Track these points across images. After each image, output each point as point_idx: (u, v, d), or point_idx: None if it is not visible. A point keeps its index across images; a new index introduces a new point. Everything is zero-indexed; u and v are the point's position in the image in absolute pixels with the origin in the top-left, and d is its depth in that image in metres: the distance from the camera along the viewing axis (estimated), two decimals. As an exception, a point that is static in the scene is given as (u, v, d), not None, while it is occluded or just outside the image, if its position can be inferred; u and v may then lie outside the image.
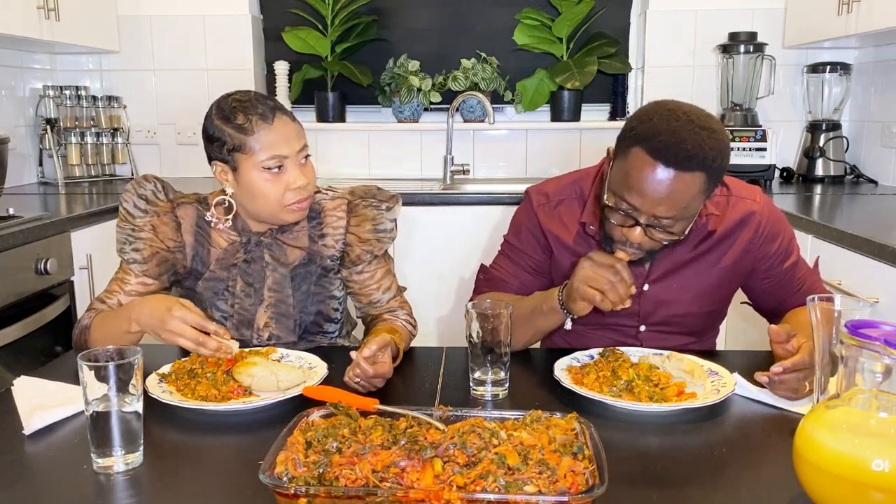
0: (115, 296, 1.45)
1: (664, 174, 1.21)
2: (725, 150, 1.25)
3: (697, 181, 1.22)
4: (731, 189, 1.46)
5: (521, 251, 1.53)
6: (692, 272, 1.44)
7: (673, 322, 1.48)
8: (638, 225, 1.27)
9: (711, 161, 1.22)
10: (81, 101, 3.14)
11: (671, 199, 1.22)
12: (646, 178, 1.22)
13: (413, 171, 3.38)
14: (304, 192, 1.40)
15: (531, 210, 1.52)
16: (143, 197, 1.47)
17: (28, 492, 0.92)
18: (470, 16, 3.31)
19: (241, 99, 1.39)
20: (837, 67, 3.02)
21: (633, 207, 1.26)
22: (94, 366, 0.94)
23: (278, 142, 1.36)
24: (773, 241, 1.45)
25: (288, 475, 0.85)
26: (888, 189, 2.81)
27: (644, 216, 1.26)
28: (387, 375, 1.23)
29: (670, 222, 1.26)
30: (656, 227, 1.27)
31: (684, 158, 1.20)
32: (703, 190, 1.24)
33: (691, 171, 1.21)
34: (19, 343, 1.99)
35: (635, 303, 1.45)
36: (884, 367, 0.79)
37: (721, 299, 1.50)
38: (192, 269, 1.48)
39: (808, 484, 0.84)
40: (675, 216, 1.25)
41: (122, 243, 1.46)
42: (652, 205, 1.24)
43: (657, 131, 1.23)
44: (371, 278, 1.52)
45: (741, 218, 1.44)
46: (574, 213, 1.48)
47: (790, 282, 1.48)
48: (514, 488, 0.82)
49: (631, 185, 1.24)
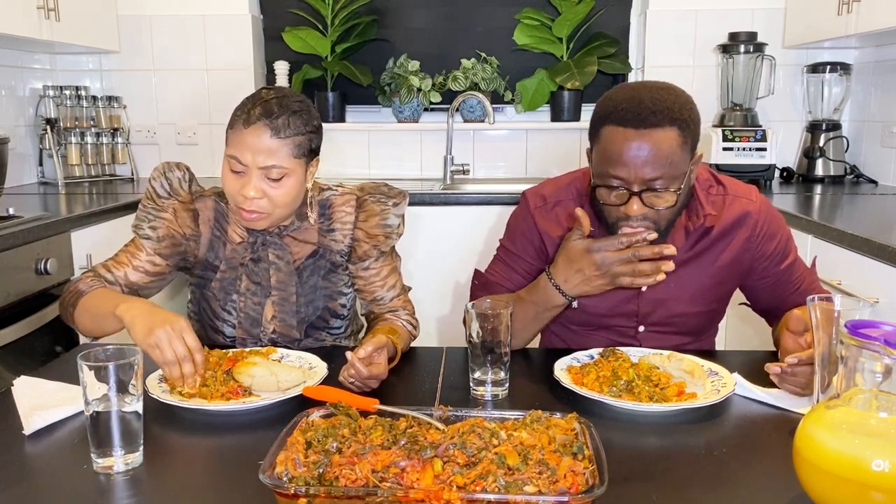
0: (123, 268, 1.46)
1: (637, 136, 1.25)
2: (689, 102, 1.30)
3: (672, 135, 1.26)
4: (727, 188, 1.46)
5: (516, 255, 1.52)
6: (690, 272, 1.44)
7: (672, 322, 1.48)
8: (633, 196, 1.28)
9: (678, 113, 1.27)
10: (81, 101, 3.14)
11: (653, 157, 1.25)
12: (623, 147, 1.26)
13: (413, 171, 3.38)
14: (251, 205, 1.36)
15: (528, 213, 1.51)
16: (169, 182, 1.50)
17: (28, 492, 0.92)
18: (470, 16, 3.31)
19: (258, 95, 1.39)
20: (837, 67, 3.02)
21: (621, 179, 1.28)
22: (94, 366, 0.94)
23: (241, 147, 1.35)
24: (771, 241, 1.46)
25: (288, 475, 0.85)
26: (888, 189, 2.81)
27: (635, 185, 1.28)
28: (381, 377, 1.23)
29: (661, 183, 1.28)
30: (650, 192, 1.28)
31: (650, 115, 1.25)
32: (681, 144, 1.27)
33: (661, 126, 1.25)
34: (19, 343, 1.99)
35: (634, 303, 1.46)
36: (884, 367, 0.79)
37: (719, 299, 1.50)
38: (205, 261, 1.49)
39: (808, 484, 0.84)
40: (664, 175, 1.27)
41: (140, 220, 1.48)
42: (637, 170, 1.26)
43: (617, 103, 1.29)
44: (377, 275, 1.52)
45: (738, 217, 1.44)
46: (572, 213, 1.48)
47: (788, 281, 1.48)
48: (514, 488, 0.82)
49: (612, 159, 1.28)
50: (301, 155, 1.39)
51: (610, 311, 1.47)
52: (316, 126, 1.42)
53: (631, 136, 1.25)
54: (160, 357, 1.18)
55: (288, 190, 1.38)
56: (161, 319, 1.20)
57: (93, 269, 1.47)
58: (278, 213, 1.40)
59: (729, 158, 2.89)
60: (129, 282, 1.46)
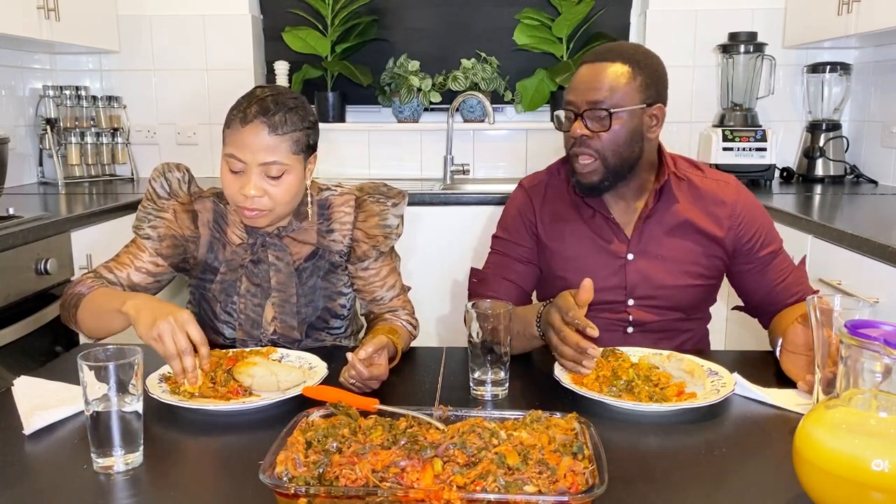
0: (126, 269, 1.46)
1: (588, 67, 1.45)
2: (650, 55, 1.47)
3: (621, 70, 1.42)
4: (705, 172, 1.56)
5: (511, 242, 1.58)
6: (673, 242, 1.50)
7: (660, 296, 1.50)
8: (577, 118, 1.43)
9: (633, 55, 1.43)
10: (81, 101, 3.14)
11: (597, 83, 1.42)
12: (577, 76, 1.46)
13: (413, 171, 3.38)
14: (252, 203, 1.36)
15: (524, 194, 1.60)
16: (169, 182, 1.50)
17: (28, 492, 0.92)
18: (470, 16, 3.31)
19: (253, 93, 1.39)
20: (837, 67, 3.02)
21: (571, 104, 1.45)
22: (94, 366, 0.94)
23: (239, 145, 1.35)
24: (752, 223, 1.51)
25: (288, 475, 0.85)
26: (888, 189, 2.81)
27: (580, 106, 1.43)
28: (382, 377, 1.23)
29: (602, 106, 1.41)
30: (590, 113, 1.42)
31: (605, 51, 1.45)
32: (628, 80, 1.42)
33: (612, 61, 1.43)
34: (19, 343, 1.99)
35: (621, 274, 1.50)
36: (884, 367, 0.79)
37: (705, 273, 1.51)
38: (204, 262, 1.49)
39: (808, 484, 0.84)
40: (605, 100, 1.41)
41: (140, 220, 1.48)
42: (583, 94, 1.43)
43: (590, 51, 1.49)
44: (376, 275, 1.52)
45: (716, 194, 1.52)
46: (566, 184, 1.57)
47: (773, 270, 1.51)
48: (514, 488, 0.82)
49: (569, 88, 1.48)
50: (300, 151, 1.39)
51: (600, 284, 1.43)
52: (312, 122, 1.42)
53: (585, 67, 1.45)
54: (162, 350, 1.17)
55: (288, 187, 1.38)
56: (165, 312, 1.19)
57: (94, 271, 1.47)
58: (279, 210, 1.40)
59: (729, 158, 2.89)
60: (132, 282, 1.46)
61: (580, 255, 1.52)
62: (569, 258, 1.53)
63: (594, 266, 1.50)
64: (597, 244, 1.52)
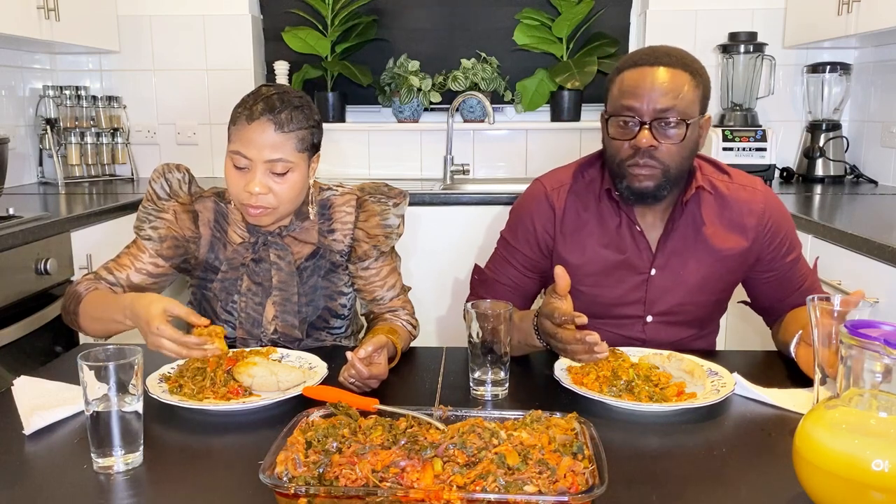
0: (126, 270, 1.47)
1: (651, 70, 1.33)
2: (700, 63, 1.39)
3: (683, 76, 1.33)
4: (732, 177, 1.49)
5: (516, 249, 1.52)
6: (697, 257, 1.44)
7: (678, 311, 1.47)
8: (643, 126, 1.32)
9: (690, 63, 1.36)
10: (81, 101, 3.14)
11: (666, 88, 1.32)
12: (638, 79, 1.34)
13: (413, 171, 3.38)
14: (257, 200, 1.37)
15: (545, 202, 1.49)
16: (169, 183, 1.50)
17: (28, 492, 0.92)
18: (470, 16, 3.31)
19: (258, 91, 1.40)
20: (837, 67, 3.02)
21: (634, 110, 1.33)
22: (94, 366, 0.94)
23: (245, 142, 1.36)
24: (778, 231, 1.46)
25: (288, 475, 0.85)
26: (888, 189, 2.81)
27: (647, 114, 1.32)
28: (381, 377, 1.23)
29: (672, 115, 1.32)
30: (659, 122, 1.32)
31: (663, 55, 1.35)
32: (692, 88, 1.34)
33: (673, 66, 1.33)
34: (19, 343, 1.99)
35: (642, 290, 1.46)
36: (884, 367, 0.79)
37: (725, 288, 1.50)
38: (205, 262, 1.49)
39: (808, 484, 0.84)
40: (675, 107, 1.32)
41: (141, 221, 1.49)
42: (650, 101, 1.32)
43: (633, 54, 1.39)
44: (377, 275, 1.53)
45: (744, 204, 1.45)
46: (591, 190, 1.48)
47: (792, 278, 1.48)
48: (514, 488, 0.82)
49: (626, 92, 1.34)
50: (304, 149, 1.39)
51: (619, 299, 1.46)
52: (317, 121, 1.43)
53: (646, 70, 1.33)
54: (169, 356, 1.23)
55: (292, 185, 1.39)
56: (143, 324, 1.23)
57: (94, 272, 1.47)
58: (283, 208, 1.41)
59: (729, 158, 2.89)
60: (132, 283, 1.46)
61: (601, 269, 1.46)
62: (588, 273, 1.46)
63: (615, 280, 1.45)
64: (619, 257, 1.45)
